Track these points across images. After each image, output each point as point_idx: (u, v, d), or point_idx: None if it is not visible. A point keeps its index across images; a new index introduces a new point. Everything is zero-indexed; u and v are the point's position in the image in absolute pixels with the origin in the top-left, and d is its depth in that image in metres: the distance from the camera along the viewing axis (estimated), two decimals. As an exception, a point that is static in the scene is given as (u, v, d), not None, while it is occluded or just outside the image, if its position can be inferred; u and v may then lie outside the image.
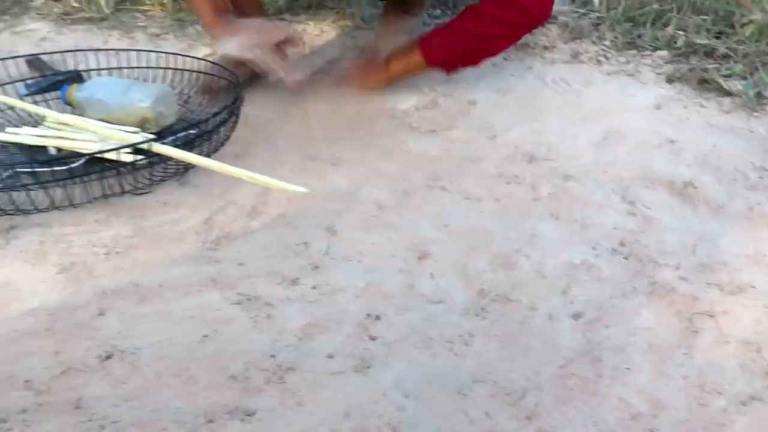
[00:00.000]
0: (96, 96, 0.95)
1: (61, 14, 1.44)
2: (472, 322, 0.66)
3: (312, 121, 1.04)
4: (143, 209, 0.82)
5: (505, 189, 0.87)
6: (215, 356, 0.61)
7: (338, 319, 0.66)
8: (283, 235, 0.77)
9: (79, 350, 0.62)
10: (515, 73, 1.20)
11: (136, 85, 0.97)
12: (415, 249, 0.76)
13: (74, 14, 1.45)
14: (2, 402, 0.56)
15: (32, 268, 0.72)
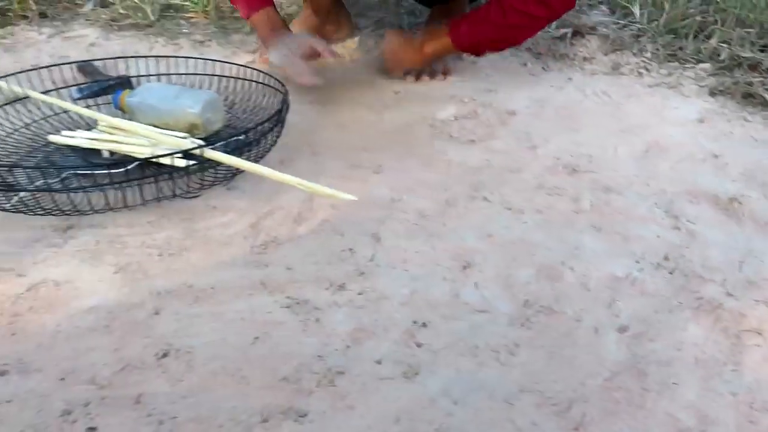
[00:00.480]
0: (147, 101, 0.99)
1: (108, 20, 1.49)
2: (517, 333, 0.66)
3: (352, 129, 1.06)
4: (193, 213, 0.85)
5: (547, 200, 0.87)
6: (267, 358, 0.63)
7: (385, 325, 0.67)
8: (328, 241, 0.79)
9: (137, 348, 0.64)
10: (554, 83, 1.21)
11: (185, 91, 1.00)
12: (458, 258, 0.77)
13: (121, 21, 1.50)
14: (67, 394, 0.59)
15: (90, 267, 0.75)
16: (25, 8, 1.50)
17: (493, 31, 1.10)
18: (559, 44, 1.32)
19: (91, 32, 1.45)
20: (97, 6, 1.57)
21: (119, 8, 1.52)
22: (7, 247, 0.78)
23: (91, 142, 0.93)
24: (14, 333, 0.66)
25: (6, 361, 0.63)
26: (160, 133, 0.92)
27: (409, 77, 1.21)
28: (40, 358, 0.63)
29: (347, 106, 1.13)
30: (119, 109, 1.03)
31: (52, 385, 0.60)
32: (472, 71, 1.25)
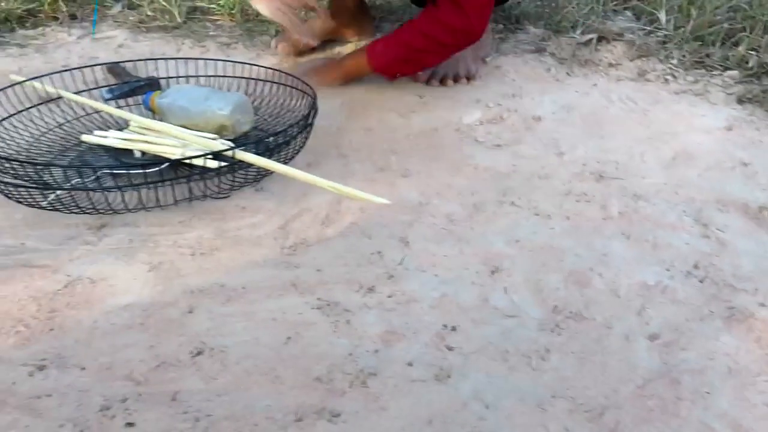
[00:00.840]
0: (178, 103, 1.00)
1: (136, 22, 1.51)
2: (547, 338, 0.66)
3: (379, 132, 1.07)
4: (223, 213, 0.86)
5: (575, 207, 0.87)
6: (299, 358, 0.64)
7: (415, 328, 0.68)
8: (357, 244, 0.80)
9: (172, 345, 0.65)
10: (580, 89, 1.20)
11: (215, 93, 1.01)
12: (487, 263, 0.77)
13: (149, 22, 1.52)
14: (105, 390, 0.60)
15: (124, 265, 0.76)
16: (56, 10, 1.52)
17: (404, 52, 1.11)
18: (583, 50, 1.31)
19: (119, 34, 1.47)
20: (124, 8, 1.59)
21: (147, 10, 1.54)
22: (44, 244, 0.80)
23: (123, 142, 0.95)
24: (52, 328, 0.67)
25: (45, 356, 0.64)
26: (191, 134, 0.93)
27: (434, 81, 1.22)
28: (78, 354, 0.64)
29: (373, 109, 1.13)
30: (149, 109, 1.05)
31: (91, 381, 0.61)
32: (496, 76, 1.26)
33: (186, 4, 1.57)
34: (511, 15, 1.45)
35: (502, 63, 1.29)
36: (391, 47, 1.12)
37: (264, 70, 1.10)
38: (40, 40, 1.42)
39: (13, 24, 1.47)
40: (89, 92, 1.08)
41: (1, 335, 0.66)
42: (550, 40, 1.36)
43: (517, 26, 1.43)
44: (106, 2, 1.62)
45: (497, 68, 1.28)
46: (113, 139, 0.96)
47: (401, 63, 1.13)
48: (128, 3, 1.60)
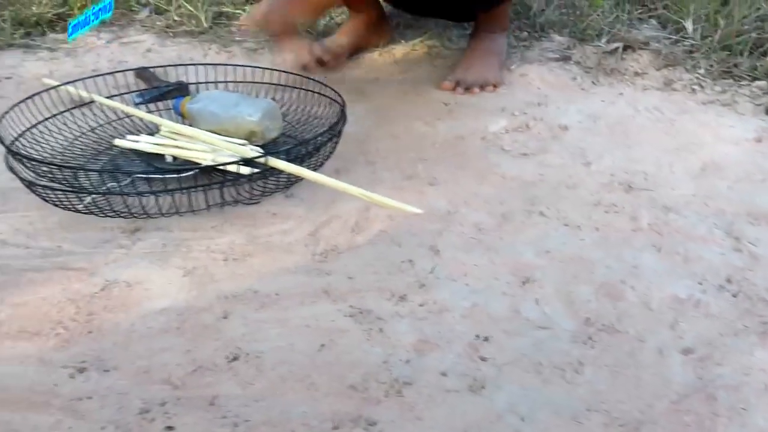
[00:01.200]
0: (208, 108, 1.01)
1: (164, 27, 1.54)
2: (580, 351, 0.67)
3: (405, 139, 1.07)
4: (254, 219, 0.87)
5: (605, 218, 0.87)
6: (333, 365, 0.65)
7: (448, 337, 0.68)
8: (387, 252, 0.80)
9: (208, 350, 0.66)
10: (606, 98, 1.20)
11: (245, 99, 1.02)
12: (517, 273, 0.77)
13: (176, 27, 1.54)
14: (144, 393, 0.61)
15: (159, 269, 0.77)
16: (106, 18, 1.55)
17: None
18: (609, 58, 1.31)
19: (147, 38, 1.49)
20: (152, 13, 1.61)
21: (173, 15, 1.57)
22: (79, 247, 0.81)
23: (155, 147, 0.96)
24: (91, 331, 0.69)
25: (84, 358, 0.65)
26: (221, 140, 0.95)
27: (460, 89, 1.22)
28: (116, 357, 0.65)
29: (399, 116, 1.14)
30: (179, 115, 1.06)
31: (130, 383, 0.62)
32: (521, 84, 1.26)
33: (212, 9, 1.58)
34: (535, 23, 1.45)
35: (527, 71, 1.29)
36: None
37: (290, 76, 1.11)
38: (69, 44, 1.44)
39: (43, 28, 1.49)
40: (121, 96, 1.10)
41: (42, 337, 0.68)
42: (575, 49, 1.36)
43: (541, 34, 1.43)
44: (134, 7, 1.64)
45: (522, 76, 1.28)
46: (145, 144, 0.97)
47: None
48: (155, 8, 1.62)
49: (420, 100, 1.20)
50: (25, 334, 0.68)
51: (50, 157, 0.94)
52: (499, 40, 1.29)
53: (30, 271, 0.77)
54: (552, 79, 1.27)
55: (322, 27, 1.48)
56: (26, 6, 1.56)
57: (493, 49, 1.27)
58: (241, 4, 1.61)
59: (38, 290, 0.74)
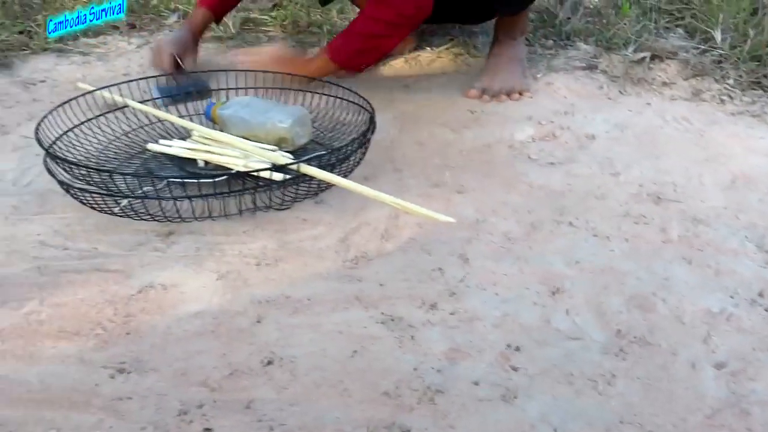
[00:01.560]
0: (239, 114, 1.03)
1: (192, 32, 1.56)
2: (612, 362, 0.67)
3: (432, 147, 1.08)
4: (284, 224, 0.88)
5: (634, 229, 0.87)
6: (366, 371, 0.65)
7: (479, 346, 0.68)
8: (417, 260, 0.81)
9: (243, 354, 0.67)
10: (633, 108, 1.20)
11: (276, 106, 1.04)
12: (547, 283, 0.77)
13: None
14: (182, 395, 0.62)
15: (193, 273, 0.79)
16: (116, 19, 1.58)
17: (360, 42, 1.14)
18: (636, 68, 1.31)
19: (176, 43, 1.51)
20: (180, 18, 1.64)
21: (202, 20, 1.59)
22: (116, 249, 0.83)
23: (188, 152, 0.98)
24: (129, 332, 0.70)
25: (123, 359, 0.67)
26: (252, 146, 0.96)
27: (486, 96, 1.22)
28: (154, 358, 0.67)
29: (425, 124, 1.15)
30: (211, 120, 1.08)
31: (168, 385, 0.64)
32: (547, 92, 1.26)
33: (240, 15, 1.61)
34: (561, 31, 1.45)
35: (553, 80, 1.29)
36: (347, 41, 1.16)
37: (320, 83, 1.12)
38: (101, 49, 1.47)
39: (76, 32, 1.52)
40: (153, 101, 1.12)
41: (81, 337, 0.69)
42: (602, 57, 1.36)
43: (567, 42, 1.43)
44: (163, 12, 1.67)
45: (548, 85, 1.28)
46: (178, 149, 0.99)
47: (360, 54, 1.17)
48: (184, 13, 1.65)
49: (446, 107, 1.21)
50: (65, 334, 0.70)
51: (85, 160, 0.97)
52: (520, 46, 1.29)
53: (68, 272, 0.79)
54: (578, 88, 1.27)
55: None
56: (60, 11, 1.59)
57: (516, 56, 1.27)
58: (267, 10, 1.63)
59: (77, 291, 0.76)
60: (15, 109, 1.22)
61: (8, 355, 0.67)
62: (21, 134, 1.13)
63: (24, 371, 0.65)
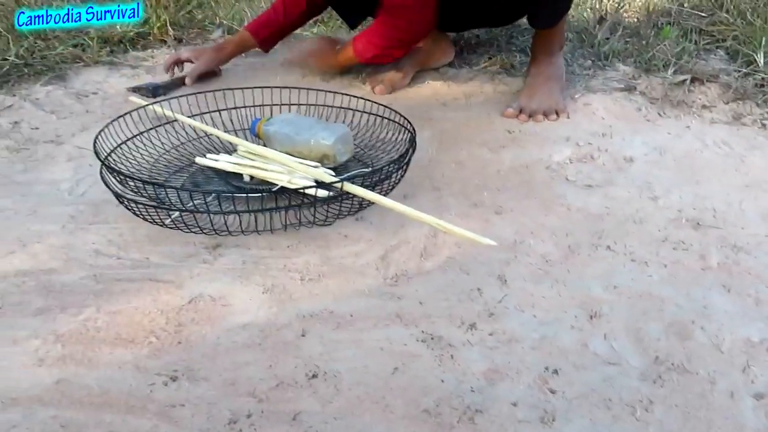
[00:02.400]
0: (283, 130, 1.07)
1: (236, 47, 1.61)
2: (650, 389, 0.67)
3: (470, 166, 1.10)
4: (326, 240, 0.91)
5: (673, 255, 0.87)
6: (407, 389, 0.67)
7: (518, 368, 0.70)
8: (456, 279, 0.83)
9: (289, 366, 0.70)
10: (672, 131, 1.20)
11: (319, 123, 1.07)
12: (585, 307, 0.78)
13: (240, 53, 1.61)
14: (232, 404, 0.65)
15: (240, 286, 0.82)
16: (164, 33, 1.64)
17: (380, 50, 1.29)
18: (676, 90, 1.31)
19: (220, 57, 1.57)
20: (224, 33, 1.70)
21: (245, 36, 1.64)
22: (166, 259, 0.87)
23: (234, 166, 1.02)
24: (180, 342, 0.74)
25: (176, 367, 0.70)
26: (296, 162, 0.99)
27: (523, 116, 1.24)
28: (204, 368, 0.70)
29: (463, 143, 1.17)
30: (255, 135, 1.12)
31: (218, 394, 0.67)
32: (584, 113, 1.27)
33: (282, 30, 1.65)
34: (599, 52, 1.46)
35: (591, 100, 1.30)
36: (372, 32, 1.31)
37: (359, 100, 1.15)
38: (149, 62, 1.53)
39: (126, 46, 1.59)
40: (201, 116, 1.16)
41: (136, 344, 0.73)
42: (640, 79, 1.36)
43: (605, 63, 1.44)
44: (208, 27, 1.73)
45: (586, 106, 1.29)
46: (224, 163, 1.03)
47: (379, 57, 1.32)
48: (228, 28, 1.71)
49: (483, 126, 1.23)
50: (120, 341, 0.74)
51: (137, 172, 1.01)
52: (558, 62, 1.31)
53: (122, 280, 0.83)
54: (617, 110, 1.27)
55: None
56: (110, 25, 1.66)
57: (554, 74, 1.29)
58: (308, 26, 1.67)
59: (130, 300, 0.80)
60: (69, 120, 1.29)
61: (69, 359, 0.71)
62: (75, 144, 1.19)
63: (84, 375, 0.69)
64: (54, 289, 0.81)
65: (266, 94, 1.20)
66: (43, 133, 1.23)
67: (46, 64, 1.47)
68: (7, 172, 1.09)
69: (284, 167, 0.99)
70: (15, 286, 0.82)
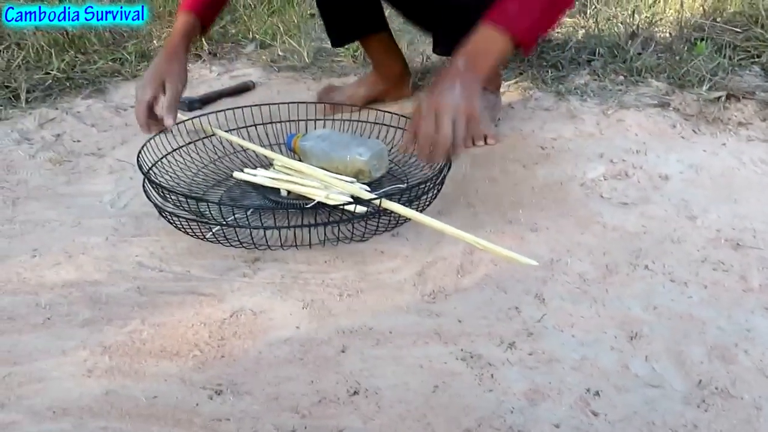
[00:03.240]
0: (320, 146, 1.08)
1: (268, 61, 1.64)
2: (694, 413, 0.67)
3: (504, 183, 1.10)
4: (363, 256, 0.92)
5: (713, 276, 0.87)
6: (448, 407, 0.68)
7: (558, 388, 0.70)
8: (494, 297, 0.83)
9: (330, 382, 0.71)
10: (707, 148, 1.19)
11: (355, 139, 1.09)
12: (624, 328, 0.78)
13: (279, 62, 1.64)
14: (275, 419, 0.66)
15: (280, 300, 0.83)
16: (198, 48, 1.68)
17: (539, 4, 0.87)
18: (711, 107, 1.30)
19: (253, 71, 1.60)
20: (257, 47, 1.73)
21: (278, 50, 1.67)
22: (207, 273, 0.89)
23: (272, 181, 1.04)
24: (223, 355, 0.75)
25: (220, 381, 0.71)
26: (332, 177, 1.01)
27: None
28: (247, 382, 0.71)
29: (496, 159, 1.17)
30: (291, 150, 1.14)
31: (261, 409, 0.68)
32: (618, 130, 1.26)
33: (314, 45, 1.68)
34: (632, 67, 1.46)
35: (624, 116, 1.30)
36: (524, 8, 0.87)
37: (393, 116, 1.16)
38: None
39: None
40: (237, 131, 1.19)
41: (181, 357, 0.75)
42: (674, 95, 1.35)
43: (638, 78, 1.43)
44: (241, 41, 1.77)
45: (619, 122, 1.28)
46: (262, 178, 1.05)
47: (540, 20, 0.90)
48: (261, 42, 1.74)
49: (516, 142, 1.23)
50: (166, 354, 0.75)
51: (176, 185, 1.03)
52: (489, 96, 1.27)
53: (165, 293, 0.85)
54: (650, 126, 1.27)
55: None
56: (148, 39, 1.71)
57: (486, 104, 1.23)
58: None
59: (174, 312, 0.82)
60: (109, 133, 1.32)
61: (116, 371, 0.73)
62: (115, 157, 1.22)
63: (131, 387, 0.71)
64: (100, 301, 0.84)
65: (301, 109, 1.22)
66: (84, 145, 1.26)
67: (87, 77, 1.51)
68: (52, 184, 1.13)
69: (321, 182, 1.01)
70: (62, 297, 0.84)
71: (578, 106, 1.35)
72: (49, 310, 0.82)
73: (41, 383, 0.71)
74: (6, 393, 0.70)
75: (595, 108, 1.33)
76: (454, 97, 0.84)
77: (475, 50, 0.87)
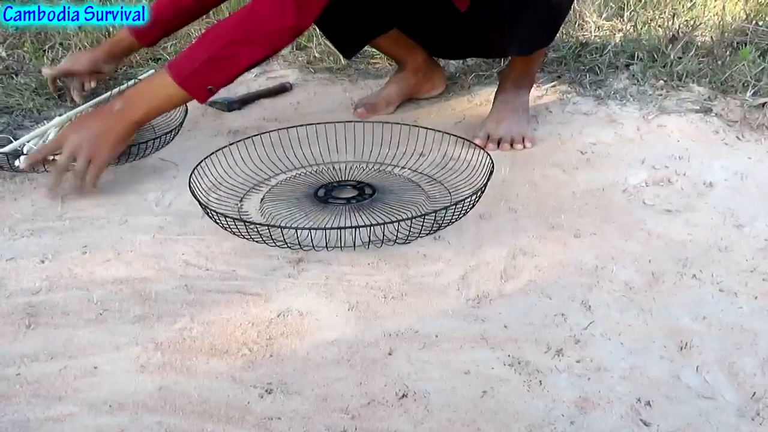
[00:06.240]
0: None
1: (305, 63, 1.66)
2: (749, 427, 0.66)
3: (545, 188, 1.09)
4: (405, 259, 0.92)
5: (763, 286, 0.85)
6: (497, 413, 0.68)
7: (608, 397, 0.69)
8: (539, 303, 0.83)
9: (378, 385, 0.71)
10: (753, 155, 1.17)
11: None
12: (674, 338, 0.77)
13: (316, 63, 1.65)
14: (326, 419, 0.67)
15: (326, 301, 0.84)
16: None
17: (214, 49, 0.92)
18: (755, 113, 1.27)
19: (290, 73, 1.62)
20: (294, 49, 1.74)
21: (314, 52, 1.69)
22: (252, 272, 0.90)
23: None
24: (272, 355, 0.76)
25: (270, 380, 0.72)
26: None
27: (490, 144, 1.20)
28: (297, 382, 0.72)
29: (535, 163, 1.17)
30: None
31: (311, 409, 0.69)
32: (659, 135, 1.25)
33: (349, 47, 1.68)
34: (672, 72, 1.44)
35: (665, 122, 1.28)
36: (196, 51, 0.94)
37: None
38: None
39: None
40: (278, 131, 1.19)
41: (230, 356, 0.76)
42: (716, 100, 1.33)
43: (679, 83, 1.41)
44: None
45: (660, 127, 1.27)
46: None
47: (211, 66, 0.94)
48: (297, 44, 1.75)
49: (555, 146, 1.22)
50: (216, 352, 0.77)
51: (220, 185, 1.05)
52: (525, 98, 1.27)
53: (212, 291, 0.87)
54: (692, 132, 1.25)
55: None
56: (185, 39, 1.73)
57: (522, 106, 1.25)
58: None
59: (222, 311, 0.83)
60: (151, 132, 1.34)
61: (168, 367, 0.74)
62: (158, 156, 1.24)
63: (184, 384, 0.72)
64: (149, 298, 0.85)
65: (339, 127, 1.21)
66: (128, 144, 1.29)
67: (128, 77, 1.54)
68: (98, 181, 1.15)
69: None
70: (113, 294, 0.86)
71: (617, 110, 1.33)
72: (101, 306, 0.84)
73: (96, 377, 0.73)
74: (63, 386, 0.72)
75: (635, 113, 1.32)
76: (80, 135, 0.97)
77: (138, 93, 1.00)
